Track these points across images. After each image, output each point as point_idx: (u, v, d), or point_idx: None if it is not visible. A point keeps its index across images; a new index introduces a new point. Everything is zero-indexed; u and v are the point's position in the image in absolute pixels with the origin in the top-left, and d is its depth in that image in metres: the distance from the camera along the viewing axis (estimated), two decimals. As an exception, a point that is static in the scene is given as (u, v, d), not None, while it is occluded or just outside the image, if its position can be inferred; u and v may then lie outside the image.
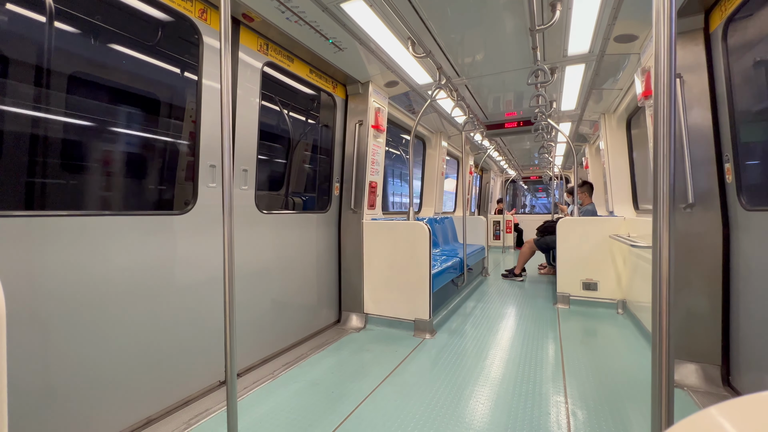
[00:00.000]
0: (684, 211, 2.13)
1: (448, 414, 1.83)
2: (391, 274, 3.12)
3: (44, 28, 1.55)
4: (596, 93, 3.76)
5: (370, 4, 2.11)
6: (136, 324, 1.73)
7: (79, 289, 1.53)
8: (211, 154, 2.05)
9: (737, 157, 1.93)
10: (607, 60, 2.93)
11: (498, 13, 2.28)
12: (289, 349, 2.69)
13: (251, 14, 2.15)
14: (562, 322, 3.30)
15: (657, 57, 0.78)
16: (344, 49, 2.64)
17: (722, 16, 1.94)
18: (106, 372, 1.61)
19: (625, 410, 1.86)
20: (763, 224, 1.75)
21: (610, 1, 2.15)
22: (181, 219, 1.94)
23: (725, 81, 1.98)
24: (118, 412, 1.65)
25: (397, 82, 3.30)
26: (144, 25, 1.93)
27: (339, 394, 2.03)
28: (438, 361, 2.47)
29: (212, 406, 1.92)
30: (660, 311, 0.77)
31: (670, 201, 0.77)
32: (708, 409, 0.32)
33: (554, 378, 2.21)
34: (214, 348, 2.09)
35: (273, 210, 2.64)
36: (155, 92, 2.07)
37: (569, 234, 3.83)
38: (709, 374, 2.07)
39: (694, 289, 2.12)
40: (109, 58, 1.85)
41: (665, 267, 0.77)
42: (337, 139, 3.32)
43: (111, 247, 1.63)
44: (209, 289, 2.08)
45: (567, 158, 8.21)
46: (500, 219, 9.19)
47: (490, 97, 3.94)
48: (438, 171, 5.41)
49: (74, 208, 1.71)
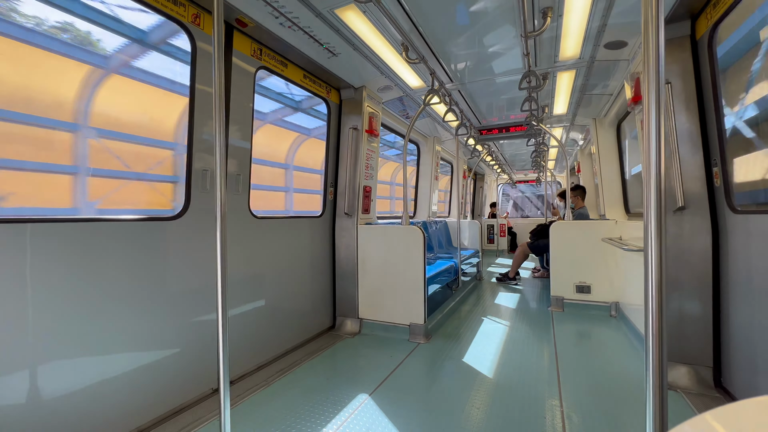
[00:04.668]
0: (674, 214, 2.16)
1: (445, 419, 1.82)
2: (385, 279, 3.11)
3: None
4: (587, 98, 3.81)
5: (364, 10, 2.12)
6: (127, 331, 1.70)
7: (69, 295, 1.50)
8: (204, 158, 2.04)
9: (724, 161, 1.97)
10: (597, 66, 2.98)
11: (490, 20, 2.31)
12: (284, 356, 2.66)
13: (245, 19, 2.15)
14: (556, 325, 3.31)
15: (646, 63, 0.79)
16: (338, 54, 2.65)
17: (708, 24, 1.99)
18: (95, 381, 1.58)
19: (620, 412, 1.86)
20: (751, 226, 1.78)
21: (601, 9, 2.19)
22: (174, 224, 1.92)
23: (711, 87, 2.02)
24: (106, 422, 1.61)
25: (390, 87, 3.32)
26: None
27: (334, 401, 2.01)
28: (433, 366, 2.46)
29: (205, 414, 1.89)
30: (652, 314, 0.78)
31: (660, 205, 0.78)
32: (703, 414, 0.32)
33: (549, 381, 2.21)
34: (207, 355, 2.06)
35: (267, 215, 2.62)
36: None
37: (562, 237, 3.86)
38: (701, 376, 2.09)
39: (685, 291, 2.14)
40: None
41: (657, 270, 0.78)
42: (331, 143, 3.32)
43: (103, 253, 1.61)
44: (202, 295, 2.05)
45: (559, 162, 8.29)
46: (494, 223, 9.25)
47: (483, 102, 3.98)
48: (432, 175, 5.43)
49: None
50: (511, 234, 10.01)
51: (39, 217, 1.46)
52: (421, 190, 5.60)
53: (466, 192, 6.99)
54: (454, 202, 6.92)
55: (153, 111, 2.21)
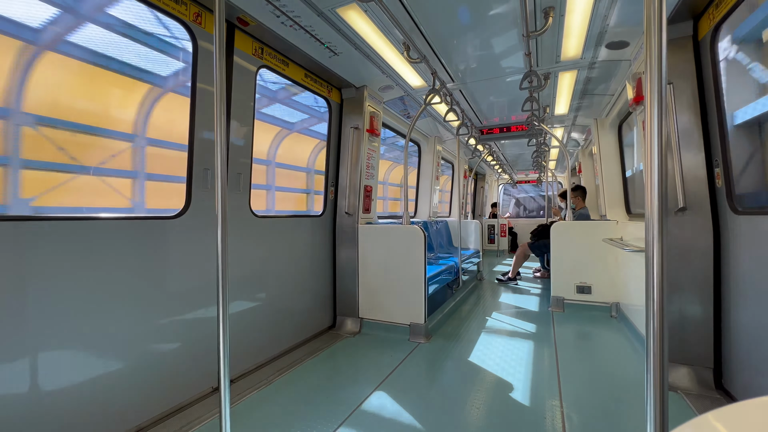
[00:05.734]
0: (676, 215, 2.16)
1: (444, 419, 1.82)
2: (386, 278, 3.11)
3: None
4: (588, 98, 3.80)
5: (365, 9, 2.12)
6: (128, 329, 1.71)
7: (70, 293, 1.50)
8: (205, 157, 2.04)
9: (727, 162, 1.97)
10: (599, 66, 2.97)
11: (492, 19, 2.30)
12: (284, 355, 2.66)
13: (246, 18, 2.15)
14: (556, 325, 3.31)
15: (648, 63, 0.79)
16: (339, 53, 2.65)
17: (710, 24, 1.99)
18: (95, 379, 1.58)
19: (620, 413, 1.86)
20: (753, 227, 1.78)
21: (603, 9, 2.18)
22: (174, 223, 1.92)
23: (713, 87, 2.02)
24: (107, 420, 1.62)
25: (392, 86, 3.31)
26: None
27: (334, 400, 2.01)
28: (433, 366, 2.46)
29: (205, 413, 1.89)
30: (653, 315, 0.78)
31: (662, 205, 0.78)
32: (705, 415, 0.32)
33: (549, 382, 2.21)
34: (208, 354, 2.06)
35: (268, 214, 2.62)
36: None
37: (563, 238, 3.86)
38: (701, 377, 2.08)
39: (686, 292, 2.14)
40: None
41: (658, 271, 0.78)
42: (332, 142, 3.31)
43: (103, 251, 1.61)
44: (202, 294, 2.05)
45: (560, 163, 8.28)
46: (495, 223, 9.25)
47: (484, 102, 3.97)
48: (433, 175, 5.43)
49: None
50: (512, 234, 10.00)
51: (39, 215, 1.46)
52: (421, 190, 5.60)
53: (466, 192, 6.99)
54: (454, 202, 6.92)
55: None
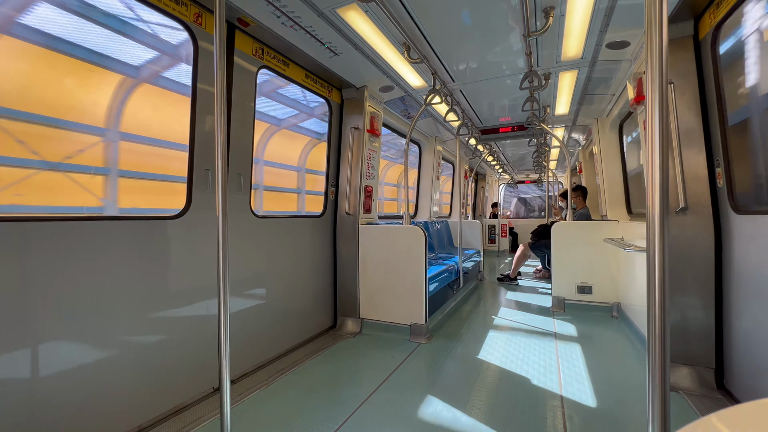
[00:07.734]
0: (677, 215, 2.16)
1: (446, 420, 1.82)
2: (386, 279, 3.11)
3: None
4: (589, 98, 3.80)
5: (366, 9, 2.12)
6: (128, 330, 1.71)
7: (70, 294, 1.50)
8: (206, 157, 2.04)
9: (728, 161, 1.96)
10: (599, 66, 2.96)
11: (492, 19, 2.30)
12: (284, 355, 2.66)
13: (246, 19, 2.15)
14: (557, 325, 3.30)
15: (649, 63, 0.79)
16: (340, 53, 2.65)
17: (711, 24, 1.98)
18: (95, 379, 1.58)
19: (621, 414, 1.86)
20: (755, 227, 1.77)
21: (603, 8, 2.18)
22: (175, 223, 1.92)
23: (714, 87, 2.01)
24: (108, 420, 1.62)
25: (392, 86, 3.31)
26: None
27: (334, 401, 2.01)
28: (434, 366, 2.46)
29: (205, 413, 1.89)
30: (654, 315, 0.78)
31: (663, 205, 0.78)
32: (708, 416, 0.32)
33: (550, 382, 2.20)
34: (208, 354, 2.06)
35: (268, 214, 2.62)
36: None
37: (564, 238, 3.85)
38: (703, 377, 2.08)
39: (687, 292, 2.13)
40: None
41: (659, 271, 0.77)
42: (333, 143, 3.32)
43: (104, 251, 1.61)
44: (203, 294, 2.05)
45: (561, 163, 8.27)
46: (495, 223, 9.24)
47: (485, 102, 3.97)
48: (433, 175, 5.43)
49: None
50: (513, 234, 10.00)
51: (41, 215, 1.46)
52: (422, 191, 5.60)
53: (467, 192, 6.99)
54: (455, 203, 6.92)
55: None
